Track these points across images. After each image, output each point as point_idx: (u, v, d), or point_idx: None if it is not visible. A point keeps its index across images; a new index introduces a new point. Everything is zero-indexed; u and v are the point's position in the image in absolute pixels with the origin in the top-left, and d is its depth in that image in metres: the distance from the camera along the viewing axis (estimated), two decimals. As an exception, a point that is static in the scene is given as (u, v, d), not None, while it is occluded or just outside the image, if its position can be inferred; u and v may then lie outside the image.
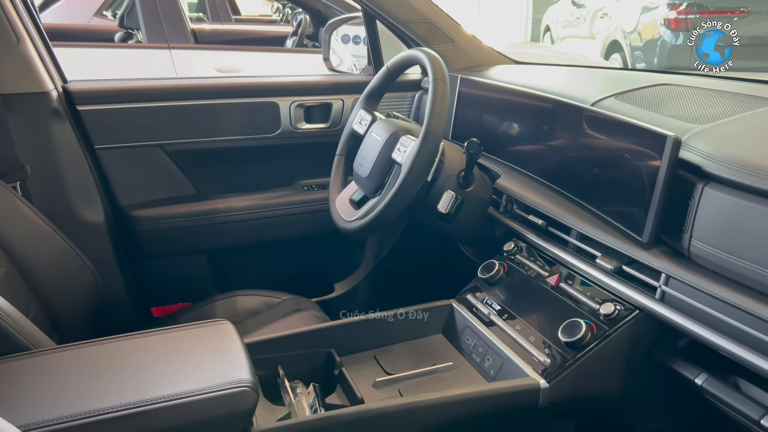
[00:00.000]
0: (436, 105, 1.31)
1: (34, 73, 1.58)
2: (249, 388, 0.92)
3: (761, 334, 0.86)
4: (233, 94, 1.82)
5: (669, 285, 0.99)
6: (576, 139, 1.27)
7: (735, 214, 0.91)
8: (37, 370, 0.98)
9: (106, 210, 1.72)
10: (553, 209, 1.24)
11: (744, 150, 0.95)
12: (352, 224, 1.46)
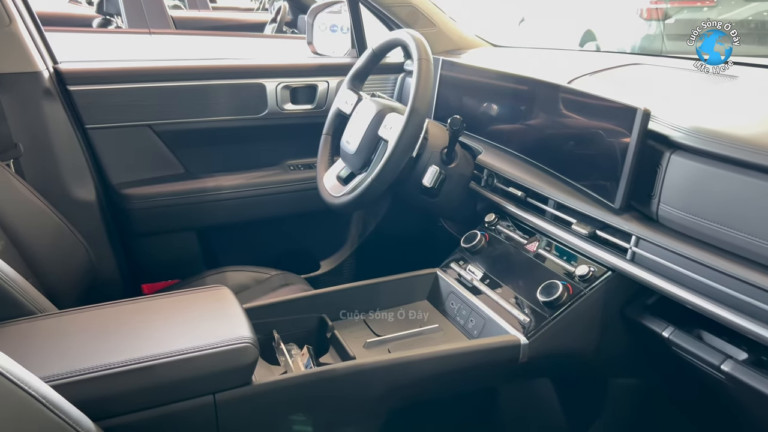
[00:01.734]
0: (421, 83, 1.37)
1: (26, 53, 1.61)
2: (250, 344, 0.98)
3: (722, 286, 0.94)
4: (221, 76, 1.87)
5: (639, 246, 1.07)
6: (552, 116, 1.35)
7: (699, 178, 0.99)
8: (47, 331, 1.03)
9: (98, 188, 1.75)
10: (532, 181, 1.32)
11: (707, 121, 1.03)
12: (339, 199, 1.52)
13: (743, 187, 0.92)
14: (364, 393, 1.10)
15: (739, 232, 0.92)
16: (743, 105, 1.09)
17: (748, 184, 0.92)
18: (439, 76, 1.77)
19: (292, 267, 1.80)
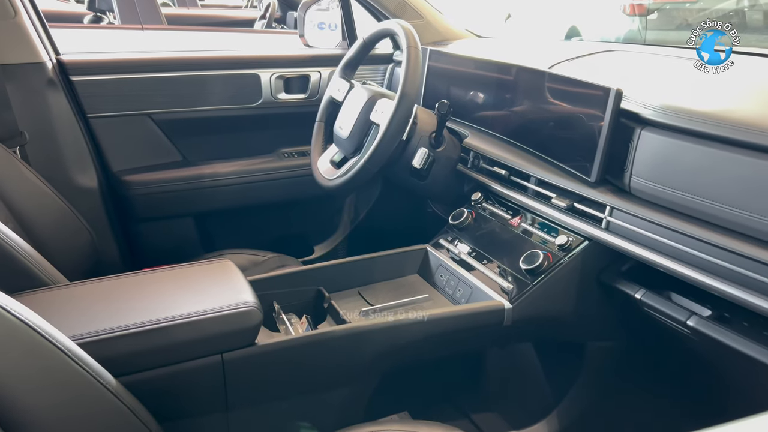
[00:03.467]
0: (410, 69, 1.46)
1: (30, 44, 1.68)
2: (254, 308, 1.06)
3: (688, 248, 1.03)
4: (217, 66, 1.94)
5: (613, 216, 1.16)
6: (534, 99, 1.43)
7: (666, 151, 1.08)
8: (64, 299, 1.10)
9: (99, 175, 1.82)
10: (515, 161, 1.41)
11: (674, 98, 1.12)
12: (333, 182, 1.60)
13: (706, 157, 1.01)
14: (358, 354, 1.18)
15: (704, 198, 1.01)
16: (708, 84, 1.18)
17: (710, 155, 1.01)
18: (427, 66, 1.86)
19: (288, 251, 1.88)
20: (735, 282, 0.98)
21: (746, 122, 0.97)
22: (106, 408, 0.84)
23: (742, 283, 0.97)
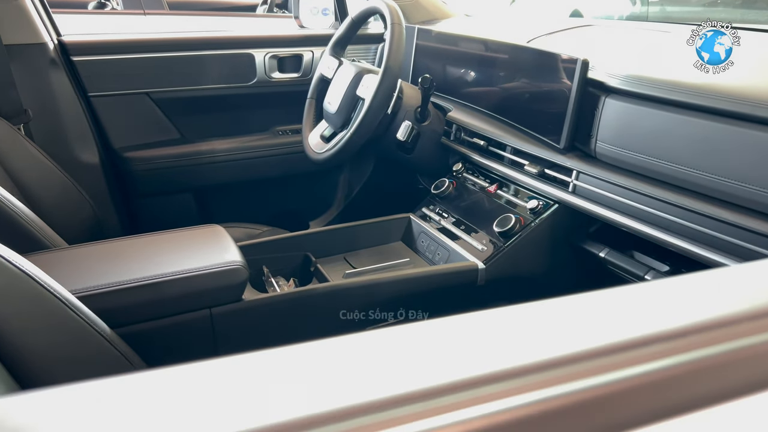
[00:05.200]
0: (393, 45, 1.52)
1: (33, 26, 1.75)
2: (241, 266, 1.14)
3: (647, 207, 1.10)
4: (213, 47, 2.01)
5: (579, 179, 1.23)
6: (510, 72, 1.50)
7: (627, 117, 1.14)
8: (64, 259, 1.18)
9: (101, 151, 1.90)
10: (493, 131, 1.47)
11: (636, 67, 1.18)
12: (323, 155, 1.67)
13: (663, 121, 1.08)
14: (338, 311, 1.26)
15: (661, 160, 1.08)
16: (668, 53, 1.24)
17: (667, 119, 1.07)
18: (415, 44, 1.92)
19: (283, 226, 1.95)
20: (689, 238, 1.05)
21: (699, 87, 1.04)
22: (101, 353, 0.92)
23: (695, 238, 1.04)
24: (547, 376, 0.32)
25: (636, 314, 0.39)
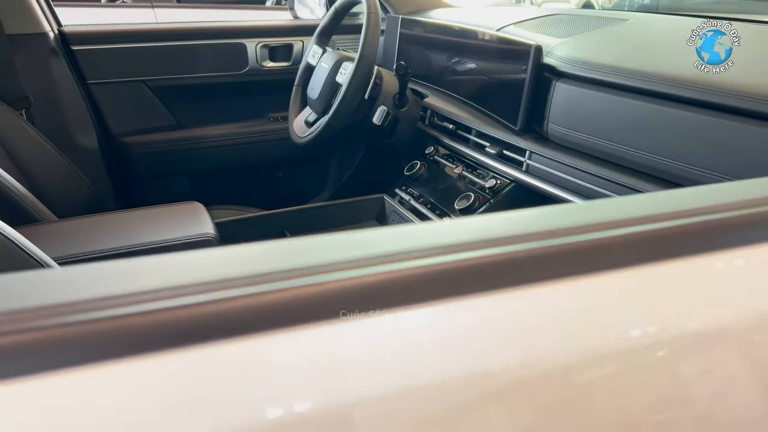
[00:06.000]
0: (368, 33, 1.60)
1: (34, 16, 1.86)
2: (212, 238, 1.23)
3: (588, 184, 1.17)
4: (206, 36, 2.10)
5: (531, 159, 1.30)
6: (477, 58, 1.57)
7: (574, 99, 1.21)
8: (50, 231, 1.28)
9: (99, 137, 2.01)
10: (460, 115, 1.55)
11: (584, 53, 1.25)
12: (304, 139, 1.76)
13: (603, 102, 1.15)
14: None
15: (601, 139, 1.15)
16: (619, 40, 1.31)
17: (606, 100, 1.14)
18: (399, 33, 1.99)
19: (274, 209, 2.04)
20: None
21: (636, 70, 1.10)
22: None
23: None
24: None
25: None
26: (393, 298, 0.40)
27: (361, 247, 0.42)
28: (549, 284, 0.43)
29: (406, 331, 0.40)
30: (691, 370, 0.45)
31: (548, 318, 0.43)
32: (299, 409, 0.35)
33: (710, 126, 0.95)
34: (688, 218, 0.48)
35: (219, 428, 0.33)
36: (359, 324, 0.39)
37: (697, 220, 0.48)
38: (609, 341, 0.43)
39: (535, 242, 0.44)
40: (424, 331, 0.40)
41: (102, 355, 0.33)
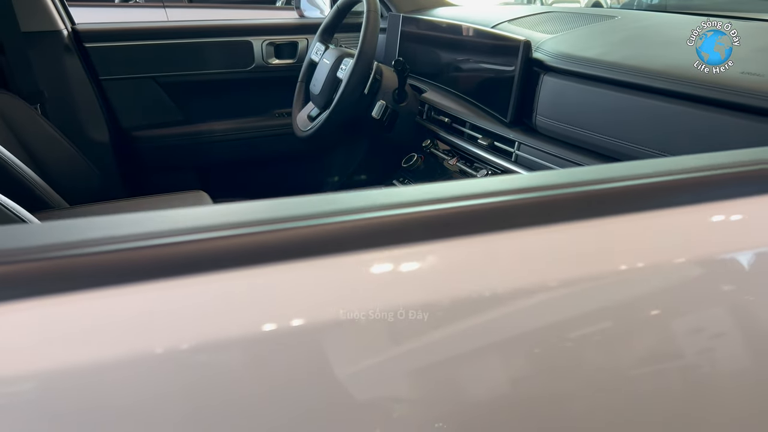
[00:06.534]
0: (368, 30, 1.66)
1: (49, 14, 1.94)
2: None
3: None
4: (214, 34, 2.17)
5: (520, 150, 1.36)
6: (471, 54, 1.63)
7: (560, 92, 1.27)
8: (64, 217, 1.35)
9: (111, 130, 2.08)
10: (455, 109, 1.60)
11: (570, 48, 1.30)
12: (306, 133, 1.83)
13: (586, 94, 1.20)
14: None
15: (584, 129, 1.20)
16: (604, 35, 1.36)
17: (588, 92, 1.19)
18: (400, 31, 2.05)
19: (280, 202, 2.10)
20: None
21: (617, 63, 1.15)
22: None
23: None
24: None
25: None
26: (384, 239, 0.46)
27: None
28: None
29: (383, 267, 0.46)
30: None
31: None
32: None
33: (685, 115, 1.00)
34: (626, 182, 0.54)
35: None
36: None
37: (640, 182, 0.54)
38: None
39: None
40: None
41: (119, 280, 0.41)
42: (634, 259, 0.51)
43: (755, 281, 0.56)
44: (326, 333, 0.44)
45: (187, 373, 0.41)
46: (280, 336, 0.43)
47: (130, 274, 0.41)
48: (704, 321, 0.56)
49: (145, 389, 0.41)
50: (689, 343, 0.55)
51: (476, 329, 0.47)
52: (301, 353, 0.43)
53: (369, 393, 0.45)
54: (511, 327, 0.48)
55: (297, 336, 0.43)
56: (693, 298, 0.54)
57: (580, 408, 0.52)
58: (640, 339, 0.53)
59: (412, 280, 0.47)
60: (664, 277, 0.51)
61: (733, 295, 0.56)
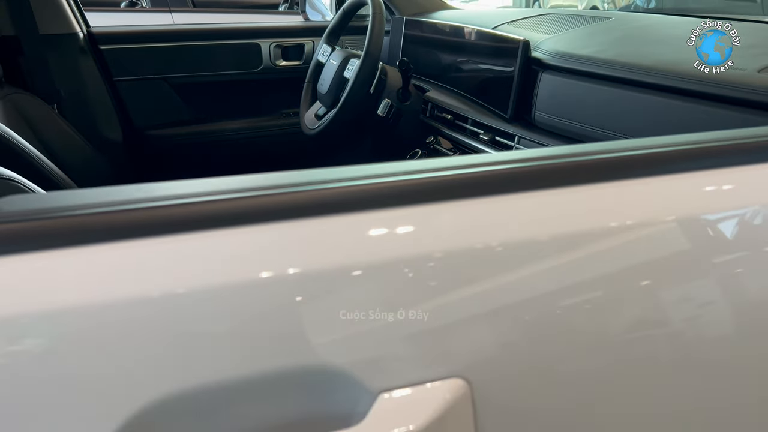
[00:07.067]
0: (374, 32, 1.73)
1: (66, 18, 2.01)
2: None
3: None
4: (223, 37, 2.25)
5: (519, 143, 1.43)
6: (472, 54, 1.70)
7: (557, 88, 1.34)
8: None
9: (124, 129, 2.15)
10: (458, 106, 1.68)
11: (566, 47, 1.38)
12: (314, 130, 1.90)
13: (582, 90, 1.27)
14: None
15: (580, 123, 1.27)
16: (599, 35, 1.43)
17: (585, 88, 1.27)
18: (404, 34, 2.13)
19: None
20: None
21: (610, 60, 1.23)
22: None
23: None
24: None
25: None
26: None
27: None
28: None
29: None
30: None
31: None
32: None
33: (673, 107, 1.07)
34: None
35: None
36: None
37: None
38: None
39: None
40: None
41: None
42: (624, 219, 0.58)
43: (740, 242, 0.63)
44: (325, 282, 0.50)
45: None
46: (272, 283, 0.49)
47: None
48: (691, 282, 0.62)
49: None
50: (675, 307, 0.62)
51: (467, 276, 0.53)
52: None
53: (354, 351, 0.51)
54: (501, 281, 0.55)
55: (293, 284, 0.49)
56: (678, 256, 0.60)
57: (568, 370, 0.58)
58: (628, 303, 0.60)
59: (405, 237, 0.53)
60: (652, 236, 0.58)
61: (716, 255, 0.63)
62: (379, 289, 0.50)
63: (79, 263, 0.46)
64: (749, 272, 0.63)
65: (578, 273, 0.56)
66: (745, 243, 0.63)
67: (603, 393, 0.59)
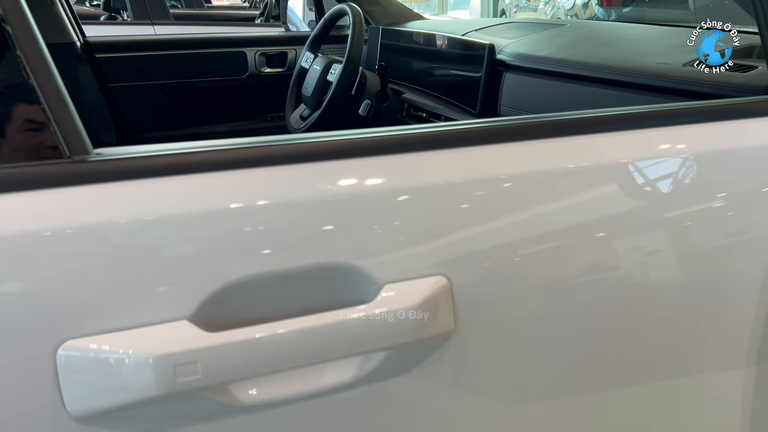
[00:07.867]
0: (355, 39, 1.91)
1: (64, 28, 2.15)
2: None
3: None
4: (211, 45, 2.41)
5: (487, 135, 1.61)
6: (444, 58, 1.89)
7: (519, 85, 1.53)
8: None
9: (118, 132, 2.29)
10: (432, 105, 1.86)
11: (527, 49, 1.57)
12: (299, 131, 2.06)
13: (540, 86, 1.46)
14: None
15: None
16: (555, 39, 1.63)
17: (542, 84, 1.45)
18: (380, 42, 2.31)
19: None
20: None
21: (564, 60, 1.42)
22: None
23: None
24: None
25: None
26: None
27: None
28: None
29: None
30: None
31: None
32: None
33: (617, 98, 1.26)
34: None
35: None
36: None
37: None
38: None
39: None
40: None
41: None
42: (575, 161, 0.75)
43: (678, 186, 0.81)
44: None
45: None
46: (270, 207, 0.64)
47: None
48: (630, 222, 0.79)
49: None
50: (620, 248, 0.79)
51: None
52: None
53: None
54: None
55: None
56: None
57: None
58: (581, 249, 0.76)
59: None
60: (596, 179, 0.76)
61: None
62: (387, 211, 0.66)
63: (184, 186, 0.62)
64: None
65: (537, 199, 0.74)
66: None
67: (559, 290, 0.75)
